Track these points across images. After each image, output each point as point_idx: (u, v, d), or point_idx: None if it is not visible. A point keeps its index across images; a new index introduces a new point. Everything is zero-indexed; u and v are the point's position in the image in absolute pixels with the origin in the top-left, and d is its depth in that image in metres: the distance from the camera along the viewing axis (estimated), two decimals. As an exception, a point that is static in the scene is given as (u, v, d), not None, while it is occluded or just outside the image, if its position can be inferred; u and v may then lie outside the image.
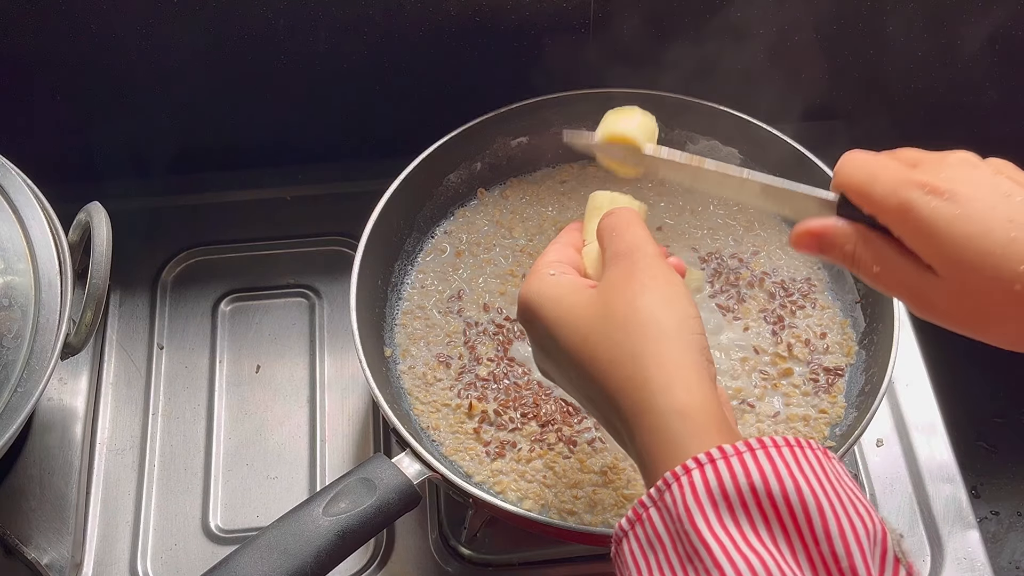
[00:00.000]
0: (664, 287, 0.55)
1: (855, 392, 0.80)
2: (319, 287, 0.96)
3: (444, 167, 0.91)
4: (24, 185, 0.79)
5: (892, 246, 0.53)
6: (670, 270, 0.57)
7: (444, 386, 0.82)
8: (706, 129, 0.92)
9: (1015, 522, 1.04)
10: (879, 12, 0.92)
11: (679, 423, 0.50)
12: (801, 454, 0.48)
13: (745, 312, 0.85)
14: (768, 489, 0.46)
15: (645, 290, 0.55)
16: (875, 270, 0.54)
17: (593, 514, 0.74)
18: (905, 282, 0.53)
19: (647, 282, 0.55)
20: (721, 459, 0.47)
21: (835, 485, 0.47)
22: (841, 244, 0.55)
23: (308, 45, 0.92)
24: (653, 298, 0.55)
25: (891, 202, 0.52)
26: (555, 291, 0.59)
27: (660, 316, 0.54)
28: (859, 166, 0.54)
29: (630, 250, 0.58)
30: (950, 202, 0.50)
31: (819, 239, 0.56)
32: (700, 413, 0.50)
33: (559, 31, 0.93)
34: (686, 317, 0.54)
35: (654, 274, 0.56)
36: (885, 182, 0.52)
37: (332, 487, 0.68)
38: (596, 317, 0.56)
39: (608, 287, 0.57)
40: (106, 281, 0.76)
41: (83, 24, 0.88)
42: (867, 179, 0.53)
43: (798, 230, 0.57)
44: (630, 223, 0.60)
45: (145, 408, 0.89)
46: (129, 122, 0.98)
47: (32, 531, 0.80)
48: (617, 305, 0.55)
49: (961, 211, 0.50)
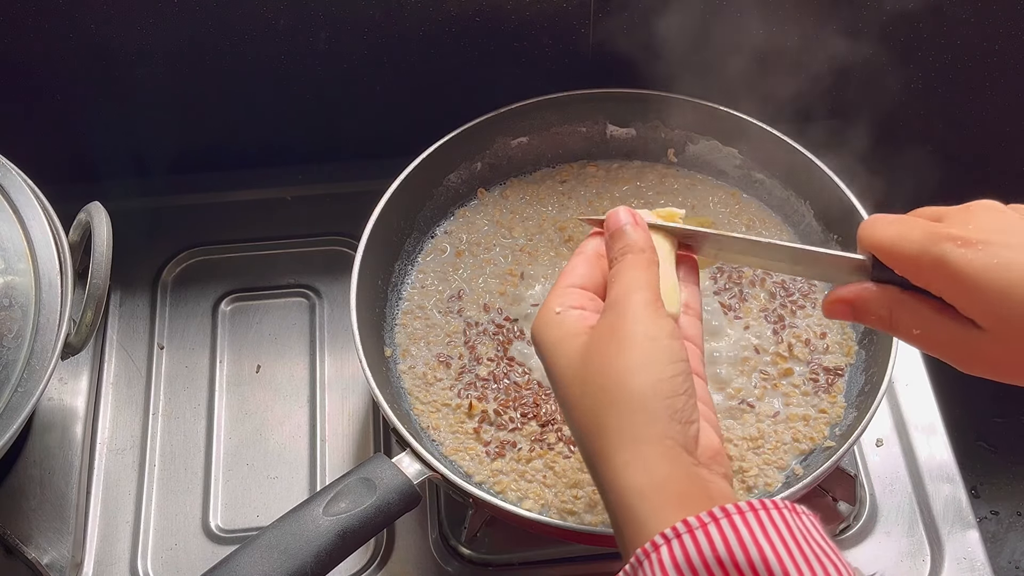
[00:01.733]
0: (643, 345, 0.53)
1: (855, 392, 0.80)
2: (319, 287, 0.96)
3: (444, 167, 0.91)
4: (24, 185, 0.79)
5: (929, 306, 0.52)
6: (657, 322, 0.54)
7: (444, 386, 0.82)
8: (706, 129, 0.92)
9: (1015, 522, 1.04)
10: (879, 12, 0.92)
11: (638, 503, 0.50)
12: (767, 517, 0.47)
13: (746, 311, 0.85)
14: (734, 559, 0.45)
15: (621, 351, 0.53)
16: (915, 332, 0.53)
17: (593, 514, 0.74)
18: (948, 340, 0.52)
19: (625, 340, 0.53)
20: (687, 533, 0.47)
21: (803, 545, 0.46)
22: (876, 310, 0.54)
23: (308, 45, 0.92)
24: (628, 361, 0.53)
25: (924, 260, 0.51)
26: (554, 333, 0.57)
27: (630, 383, 0.52)
28: (884, 227, 0.53)
29: (621, 297, 0.56)
30: (984, 252, 0.49)
31: (852, 306, 0.55)
32: (659, 492, 0.50)
33: (559, 31, 0.93)
34: (660, 380, 0.52)
35: (636, 330, 0.54)
36: (914, 240, 0.51)
37: (332, 487, 0.68)
38: (577, 376, 0.55)
39: (594, 341, 0.55)
40: (106, 281, 0.76)
41: (83, 24, 0.88)
42: (896, 238, 0.52)
43: (830, 298, 0.56)
44: (633, 265, 0.57)
45: (145, 408, 0.89)
46: (129, 122, 0.98)
47: (32, 531, 0.80)
48: (595, 364, 0.54)
49: (998, 260, 0.49)
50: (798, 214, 0.90)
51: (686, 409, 0.52)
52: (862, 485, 0.83)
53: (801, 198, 0.89)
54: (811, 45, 0.92)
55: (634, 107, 0.93)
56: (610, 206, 0.91)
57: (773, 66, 0.95)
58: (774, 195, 0.92)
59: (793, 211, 0.90)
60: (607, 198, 0.92)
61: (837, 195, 0.84)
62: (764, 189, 0.92)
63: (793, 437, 0.78)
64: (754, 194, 0.93)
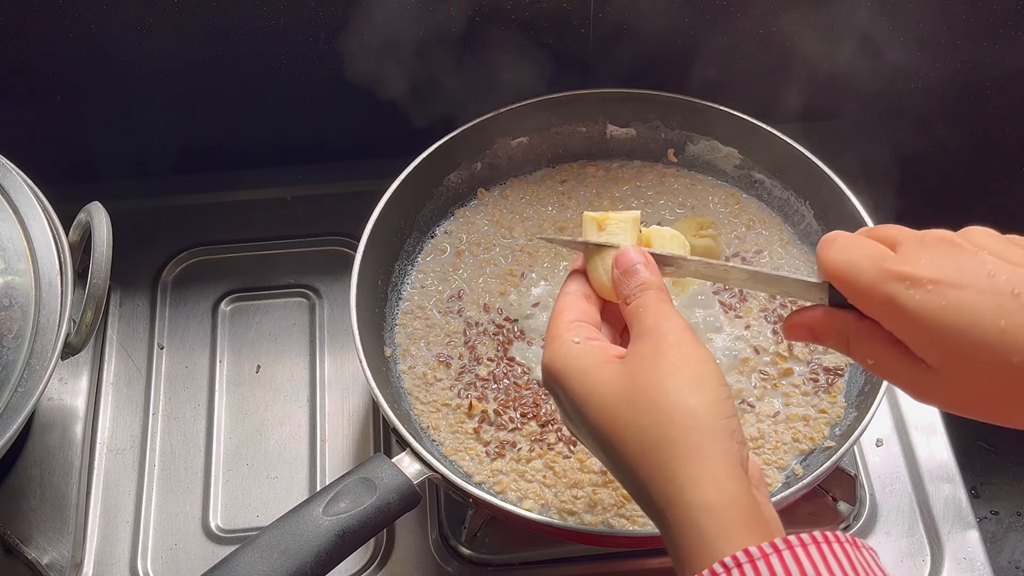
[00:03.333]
0: (695, 367, 0.53)
1: (855, 392, 0.80)
2: (319, 287, 0.96)
3: (444, 167, 0.91)
4: (24, 185, 0.79)
5: (883, 338, 0.51)
6: (700, 347, 0.55)
7: (444, 386, 0.82)
8: (706, 129, 0.92)
9: (1015, 522, 1.04)
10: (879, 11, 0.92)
11: (708, 520, 0.49)
12: (828, 550, 0.47)
13: (746, 311, 0.85)
14: None
15: (675, 371, 0.53)
16: (870, 362, 0.53)
17: (593, 514, 0.74)
18: (901, 375, 0.51)
19: (677, 361, 0.53)
20: (748, 563, 0.46)
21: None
22: (833, 336, 0.54)
23: (308, 45, 0.92)
24: (682, 380, 0.52)
25: (875, 297, 0.50)
26: (581, 363, 0.56)
27: (690, 401, 0.52)
28: (839, 253, 0.52)
29: (658, 324, 0.55)
30: (934, 293, 0.48)
31: (810, 331, 0.55)
32: (729, 509, 0.49)
33: (559, 31, 0.93)
34: (717, 400, 0.52)
35: (684, 352, 0.54)
36: (866, 272, 0.50)
37: (332, 487, 0.68)
38: (624, 397, 0.53)
39: (636, 364, 0.54)
40: (106, 281, 0.76)
41: (83, 24, 0.88)
42: (848, 268, 0.51)
43: (790, 322, 0.56)
44: (657, 299, 0.57)
45: (145, 408, 0.89)
46: (129, 122, 0.98)
47: (32, 531, 0.81)
48: (646, 386, 0.53)
49: (947, 302, 0.47)
50: (798, 214, 0.90)
51: (739, 430, 0.53)
52: (862, 485, 0.83)
53: (801, 198, 0.89)
54: (811, 45, 0.92)
55: (634, 107, 0.93)
56: (610, 206, 0.91)
57: (773, 66, 0.95)
58: (774, 195, 0.92)
59: (793, 211, 0.90)
60: (607, 198, 0.92)
61: (837, 195, 0.84)
62: (764, 189, 0.92)
63: (793, 437, 0.78)
64: (754, 194, 0.93)
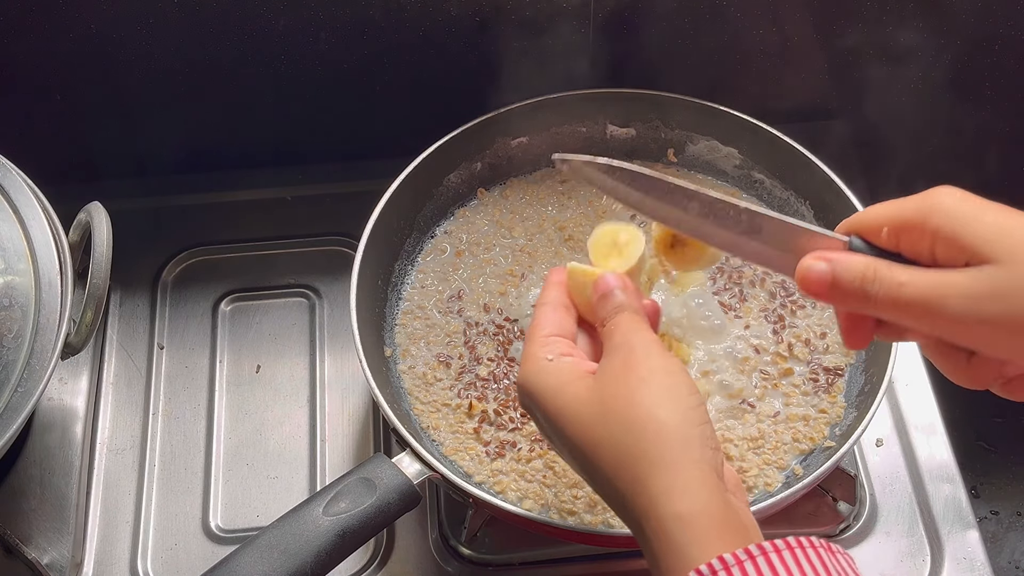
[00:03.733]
0: (662, 378, 0.54)
1: (855, 392, 0.80)
2: (319, 287, 0.96)
3: (444, 167, 0.91)
4: (24, 185, 0.79)
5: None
6: (668, 357, 0.55)
7: (444, 386, 0.82)
8: (706, 129, 0.92)
9: (1014, 522, 1.04)
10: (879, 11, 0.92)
11: (680, 530, 0.50)
12: (803, 555, 0.48)
13: (747, 311, 0.85)
14: None
15: (643, 384, 0.54)
16: (902, 280, 0.49)
17: (593, 514, 0.74)
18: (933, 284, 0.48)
19: (645, 375, 0.54)
20: (722, 570, 0.47)
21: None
22: (860, 268, 0.51)
23: (308, 45, 0.92)
24: (651, 393, 0.53)
25: (909, 206, 0.50)
26: (554, 380, 0.57)
27: (659, 413, 0.53)
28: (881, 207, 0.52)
29: (627, 339, 0.56)
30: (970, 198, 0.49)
31: (831, 265, 0.51)
32: (701, 517, 0.50)
33: (559, 31, 0.93)
34: (687, 409, 0.53)
35: (651, 365, 0.54)
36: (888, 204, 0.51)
37: (332, 487, 0.68)
38: (596, 412, 0.54)
39: (607, 379, 0.55)
40: (106, 281, 0.76)
41: (83, 24, 0.88)
42: (872, 209, 0.52)
43: (807, 260, 0.52)
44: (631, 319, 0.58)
45: (145, 408, 0.89)
46: (129, 122, 0.98)
47: (32, 531, 0.80)
48: (616, 400, 0.54)
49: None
50: (798, 214, 0.90)
51: (712, 437, 0.53)
52: (862, 485, 0.83)
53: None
54: (811, 44, 0.92)
55: (634, 107, 0.93)
56: (609, 205, 0.91)
57: (773, 66, 0.95)
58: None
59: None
60: (607, 197, 0.92)
61: (837, 195, 0.84)
62: (764, 189, 0.92)
63: (793, 437, 0.78)
64: (754, 194, 0.93)
